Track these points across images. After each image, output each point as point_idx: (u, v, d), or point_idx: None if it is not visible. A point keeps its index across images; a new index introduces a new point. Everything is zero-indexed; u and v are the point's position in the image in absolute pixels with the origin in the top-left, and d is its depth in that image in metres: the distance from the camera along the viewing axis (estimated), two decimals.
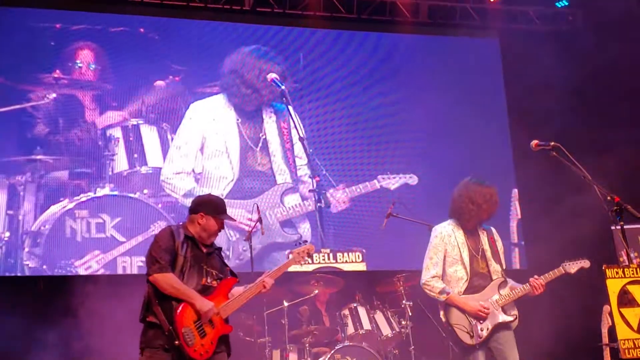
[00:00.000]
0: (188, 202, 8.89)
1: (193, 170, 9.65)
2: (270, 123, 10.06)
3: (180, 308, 5.27)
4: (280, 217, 9.77)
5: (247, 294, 5.61)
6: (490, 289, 6.18)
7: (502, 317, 6.10)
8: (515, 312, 6.20)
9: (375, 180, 10.04)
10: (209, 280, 5.52)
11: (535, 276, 6.18)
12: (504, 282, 6.23)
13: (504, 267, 6.35)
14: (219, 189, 9.57)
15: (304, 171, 9.98)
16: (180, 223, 5.78)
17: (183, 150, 9.69)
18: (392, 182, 10.09)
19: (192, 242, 5.56)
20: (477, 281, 6.20)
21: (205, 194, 6.23)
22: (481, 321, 6.06)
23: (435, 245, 6.32)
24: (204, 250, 5.63)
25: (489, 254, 6.28)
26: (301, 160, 9.97)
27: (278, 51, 10.25)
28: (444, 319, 6.26)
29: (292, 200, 9.89)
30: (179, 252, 5.44)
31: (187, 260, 5.45)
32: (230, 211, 5.98)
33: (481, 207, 6.21)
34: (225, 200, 6.03)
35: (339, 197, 9.89)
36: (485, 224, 6.47)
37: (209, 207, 5.69)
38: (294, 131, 9.80)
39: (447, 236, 6.31)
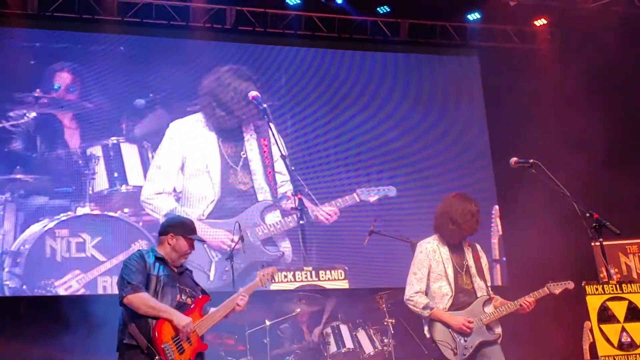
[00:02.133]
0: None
1: (174, 190, 9.62)
2: (251, 141, 10.05)
3: (157, 325, 5.26)
4: (262, 235, 9.74)
5: (222, 312, 5.62)
6: (475, 306, 6.13)
7: (487, 335, 6.05)
8: (500, 330, 6.15)
9: (354, 194, 10.04)
10: (183, 298, 5.52)
11: (526, 298, 6.09)
12: (489, 299, 6.19)
13: (489, 284, 6.30)
14: (200, 209, 9.53)
15: (285, 188, 9.97)
16: (149, 247, 5.77)
17: (164, 170, 9.65)
18: (372, 194, 10.08)
19: (163, 262, 5.57)
20: (462, 297, 6.13)
21: (174, 216, 6.25)
22: (465, 338, 6.00)
23: (420, 261, 6.25)
24: (176, 270, 5.64)
25: (473, 270, 6.22)
26: (282, 176, 9.98)
27: (259, 69, 10.27)
28: (428, 335, 6.17)
29: (273, 217, 9.86)
30: (150, 272, 5.45)
31: (159, 279, 5.46)
32: (212, 230, 5.98)
33: (461, 227, 6.15)
34: (207, 221, 6.02)
35: (326, 210, 9.88)
36: (469, 239, 6.43)
37: (179, 227, 5.71)
38: (274, 148, 9.81)
39: (431, 251, 6.24)
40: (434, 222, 6.35)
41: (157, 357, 5.17)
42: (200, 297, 5.66)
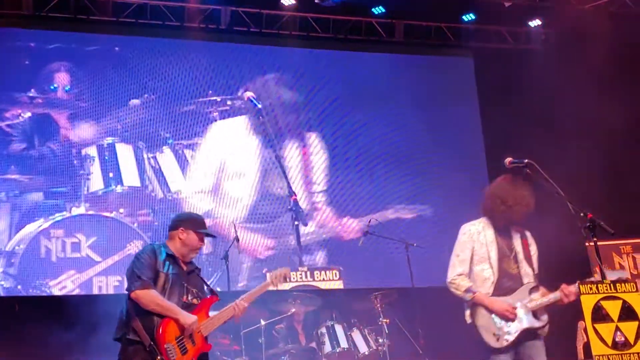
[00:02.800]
0: (207, 222, 9.11)
1: (212, 191, 9.72)
2: (292, 148, 10.20)
3: (162, 324, 5.26)
4: (296, 242, 9.81)
5: (225, 315, 5.61)
6: (521, 292, 5.77)
7: (532, 322, 5.70)
8: (546, 317, 5.76)
9: (391, 210, 10.16)
10: (189, 298, 5.52)
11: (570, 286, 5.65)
12: (536, 287, 5.81)
13: (536, 272, 5.93)
14: (237, 211, 9.65)
15: (320, 198, 10.13)
16: (161, 242, 5.77)
17: (202, 170, 9.78)
18: (407, 212, 10.15)
19: (173, 260, 5.57)
20: (507, 282, 5.81)
21: (184, 212, 6.23)
22: (509, 324, 5.67)
23: (463, 242, 5.96)
24: (185, 269, 5.64)
25: (520, 256, 5.90)
26: (318, 186, 10.14)
27: (252, 69, 10.27)
28: (469, 320, 5.85)
29: (308, 226, 9.91)
30: (160, 269, 5.45)
31: (168, 277, 5.45)
32: (246, 235, 5.98)
33: (512, 209, 5.81)
34: (243, 225, 6.03)
35: (353, 226, 10.02)
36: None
37: (189, 222, 5.71)
38: (313, 157, 10.06)
39: (475, 233, 5.94)
40: (482, 204, 6.03)
41: (158, 357, 5.18)
42: (207, 297, 5.66)
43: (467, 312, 5.86)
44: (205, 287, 5.76)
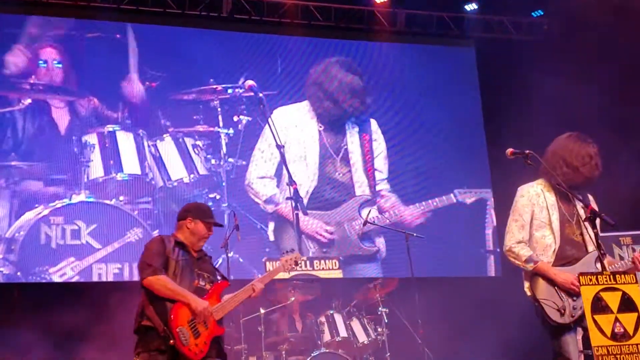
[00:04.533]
0: (269, 208, 9.66)
1: (274, 175, 9.84)
2: (352, 134, 10.28)
3: (174, 308, 5.34)
4: (359, 230, 9.88)
5: (239, 297, 5.72)
6: (587, 261, 5.37)
7: None
8: None
9: (451, 195, 10.23)
10: (201, 283, 5.61)
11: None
12: (602, 255, 5.16)
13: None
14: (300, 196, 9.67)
15: (383, 186, 10.22)
16: (170, 234, 5.84)
17: (266, 155, 9.86)
18: (469, 195, 10.28)
19: (182, 247, 5.66)
20: (570, 250, 5.40)
21: (191, 202, 6.33)
22: (574, 298, 5.23)
23: (522, 206, 5.50)
24: (195, 255, 5.72)
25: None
26: (382, 174, 10.24)
27: (254, 58, 10.26)
28: (529, 293, 5.41)
29: (370, 213, 9.77)
30: (170, 256, 5.54)
31: (178, 263, 5.55)
32: (309, 221, 6.05)
33: (578, 171, 5.37)
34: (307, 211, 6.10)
35: (414, 212, 10.10)
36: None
37: (197, 212, 5.81)
38: (374, 144, 10.17)
39: (535, 196, 5.49)
40: (541, 165, 5.49)
41: (171, 341, 5.25)
42: (219, 282, 5.75)
43: (527, 284, 5.46)
44: (217, 273, 5.86)
